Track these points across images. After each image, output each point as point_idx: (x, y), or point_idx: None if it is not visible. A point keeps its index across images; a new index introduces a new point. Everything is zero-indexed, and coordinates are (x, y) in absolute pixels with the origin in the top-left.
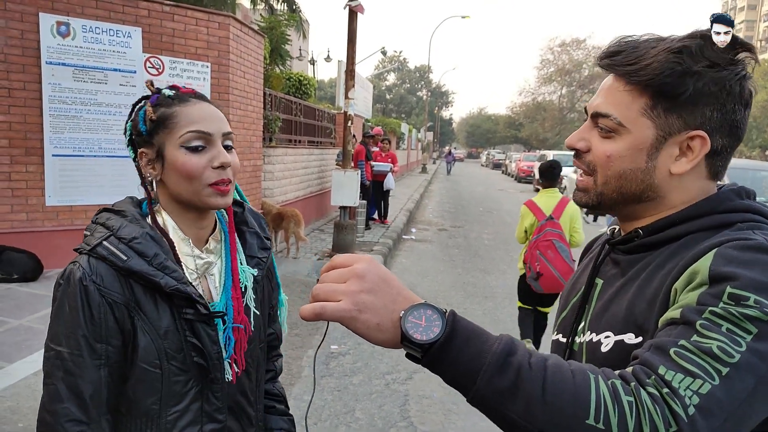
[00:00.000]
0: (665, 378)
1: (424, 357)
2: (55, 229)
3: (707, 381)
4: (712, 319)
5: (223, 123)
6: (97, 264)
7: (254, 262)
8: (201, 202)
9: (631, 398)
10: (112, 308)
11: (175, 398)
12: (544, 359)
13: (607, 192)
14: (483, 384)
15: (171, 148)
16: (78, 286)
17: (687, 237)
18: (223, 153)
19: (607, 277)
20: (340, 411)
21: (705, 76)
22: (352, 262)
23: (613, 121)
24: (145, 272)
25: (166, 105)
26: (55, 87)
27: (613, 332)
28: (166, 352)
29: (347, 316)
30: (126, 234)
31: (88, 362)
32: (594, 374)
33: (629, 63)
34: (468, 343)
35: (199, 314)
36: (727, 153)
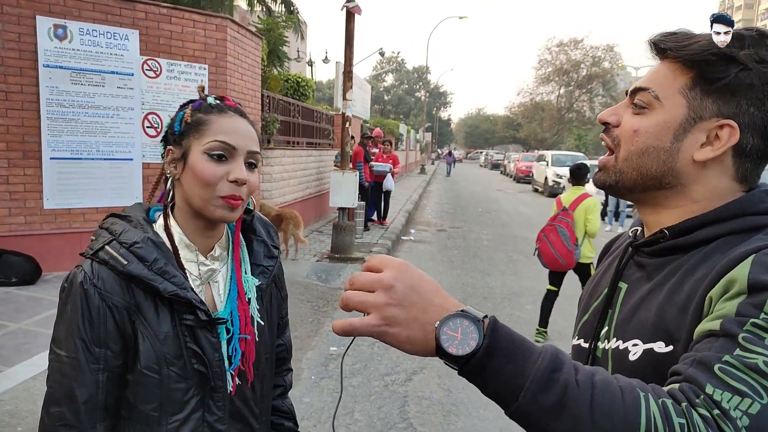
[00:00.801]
0: (714, 398)
1: (461, 370)
2: (53, 232)
3: (756, 400)
4: (755, 332)
5: (252, 141)
6: (99, 268)
7: (259, 270)
8: (208, 212)
9: (683, 420)
10: (112, 312)
11: (176, 406)
12: (591, 375)
13: (626, 170)
14: (526, 401)
15: (195, 152)
16: (79, 290)
17: (719, 240)
18: (242, 169)
19: (631, 281)
20: (339, 413)
21: (750, 68)
22: (383, 267)
23: (651, 93)
24: (144, 276)
25: (205, 111)
26: (53, 90)
27: (641, 340)
28: (165, 357)
29: (375, 331)
30: (127, 239)
31: (84, 366)
32: (644, 392)
33: (678, 41)
34: (509, 357)
35: (199, 320)
36: (758, 158)
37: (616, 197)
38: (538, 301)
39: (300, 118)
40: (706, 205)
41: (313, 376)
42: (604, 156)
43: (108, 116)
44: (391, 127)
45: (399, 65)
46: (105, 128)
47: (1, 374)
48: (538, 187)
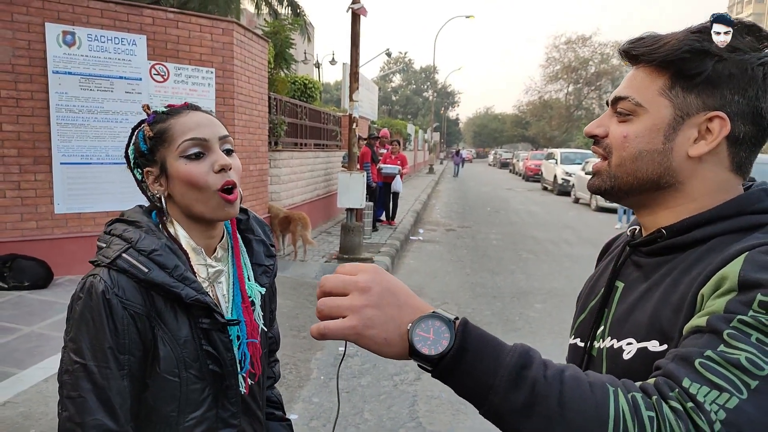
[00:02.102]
0: (689, 391)
1: (434, 370)
2: (65, 236)
3: (735, 395)
4: (741, 329)
5: (217, 128)
6: (118, 277)
7: (261, 270)
8: (212, 215)
9: (653, 413)
10: (134, 320)
11: (193, 405)
12: (560, 371)
13: (621, 175)
14: (496, 399)
15: (172, 161)
16: (101, 300)
17: (715, 239)
18: (222, 156)
19: (628, 280)
20: (348, 413)
21: (725, 58)
22: (356, 272)
23: (632, 101)
24: (167, 284)
25: (162, 121)
26: (62, 96)
27: (635, 339)
28: (184, 361)
29: (352, 333)
30: (145, 246)
31: (115, 374)
32: (614, 387)
33: (648, 45)
34: (480, 356)
35: (215, 323)
36: (752, 145)
37: (613, 202)
38: (547, 300)
39: (307, 119)
40: (704, 202)
41: (323, 376)
42: (598, 161)
43: (117, 121)
44: (399, 128)
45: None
46: (114, 133)
47: (15, 377)
48: (547, 185)
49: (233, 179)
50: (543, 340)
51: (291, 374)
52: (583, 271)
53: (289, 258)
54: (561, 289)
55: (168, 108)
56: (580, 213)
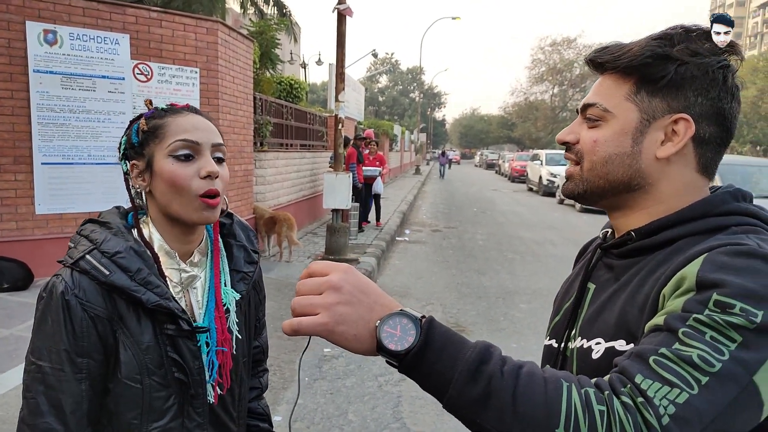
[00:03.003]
0: (641, 387)
1: (399, 365)
2: (45, 237)
3: (685, 390)
4: (696, 327)
5: (213, 134)
6: (80, 278)
7: (239, 276)
8: (188, 218)
9: (603, 407)
10: (95, 322)
11: (156, 414)
12: (518, 367)
13: (592, 178)
14: (456, 393)
15: (159, 158)
16: (60, 300)
17: (681, 241)
18: (211, 162)
19: (599, 282)
20: (332, 414)
21: (687, 62)
22: (328, 270)
23: (599, 107)
24: (128, 287)
25: (159, 117)
26: (43, 95)
27: (604, 339)
28: (147, 367)
29: (324, 329)
30: (109, 248)
31: (69, 376)
32: (568, 382)
33: (612, 53)
34: (442, 352)
35: (181, 330)
36: (717, 145)
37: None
38: (532, 300)
39: (293, 120)
40: (673, 203)
41: (307, 377)
42: (570, 166)
43: (99, 121)
44: (386, 128)
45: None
46: (96, 133)
47: None
48: (532, 186)
49: (217, 188)
50: (527, 339)
51: (275, 376)
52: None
53: (275, 259)
54: (546, 289)
55: (169, 105)
56: (565, 214)
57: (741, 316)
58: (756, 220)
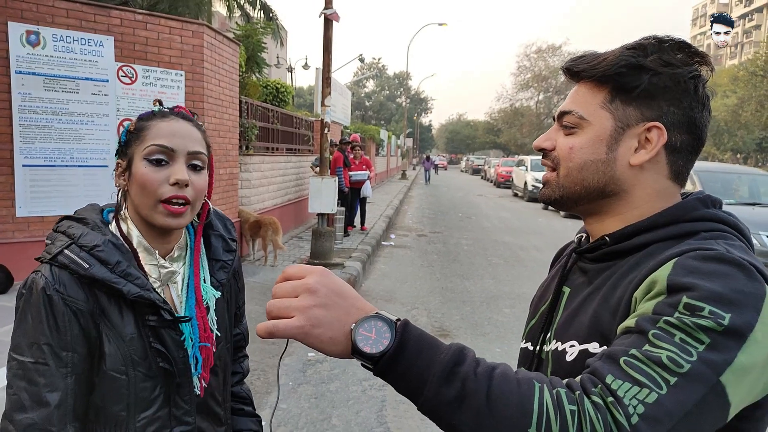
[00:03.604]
0: (611, 387)
1: (374, 368)
2: (27, 240)
3: (654, 390)
4: (666, 329)
5: (191, 142)
6: (60, 273)
7: (219, 265)
8: (153, 220)
9: (574, 407)
10: (77, 316)
11: (143, 404)
12: (491, 368)
13: (568, 185)
14: (430, 395)
15: (137, 160)
16: (41, 296)
17: (653, 246)
18: (182, 170)
19: (574, 285)
20: (316, 418)
21: (660, 72)
22: (304, 274)
23: (575, 115)
24: (108, 280)
25: (147, 119)
26: (25, 96)
27: (578, 341)
28: (131, 358)
29: (300, 332)
30: (87, 242)
31: (53, 371)
32: (540, 383)
33: (588, 62)
34: (417, 355)
35: (163, 320)
36: (688, 153)
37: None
38: (516, 305)
39: (279, 124)
40: (645, 209)
41: (291, 382)
42: (547, 172)
43: (82, 123)
44: (372, 133)
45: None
46: (79, 135)
47: None
48: (518, 191)
49: (185, 195)
50: (511, 344)
51: (259, 380)
52: None
53: (260, 263)
54: (529, 294)
55: (160, 108)
56: (550, 219)
57: (709, 319)
58: (724, 226)
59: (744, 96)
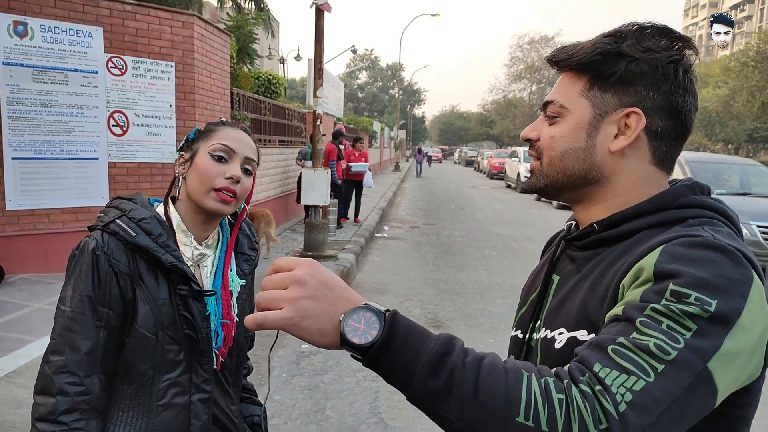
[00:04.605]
0: (599, 375)
1: (364, 359)
2: (17, 234)
3: (642, 378)
4: (653, 316)
5: (249, 150)
6: (109, 238)
7: (244, 258)
8: (205, 204)
9: (562, 395)
10: (117, 277)
11: (168, 366)
12: (479, 358)
13: (551, 173)
14: (419, 385)
15: (201, 153)
16: (91, 255)
17: (640, 233)
18: (237, 169)
19: (563, 273)
20: (310, 410)
21: (638, 58)
22: (293, 266)
23: (557, 104)
24: (150, 247)
25: (216, 125)
26: (13, 88)
27: (566, 329)
28: (162, 321)
29: (289, 324)
30: (136, 215)
31: (89, 322)
32: (528, 372)
33: (567, 52)
34: (406, 345)
35: (192, 291)
36: (671, 138)
37: (549, 199)
38: (509, 296)
39: (271, 116)
40: (630, 195)
41: (285, 374)
42: (533, 161)
43: (72, 115)
44: (365, 125)
45: (372, 63)
46: (69, 127)
47: None
48: (510, 183)
49: (235, 189)
50: (504, 335)
51: (252, 372)
52: None
53: None
54: (522, 285)
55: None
56: (542, 211)
57: (696, 306)
58: (712, 212)
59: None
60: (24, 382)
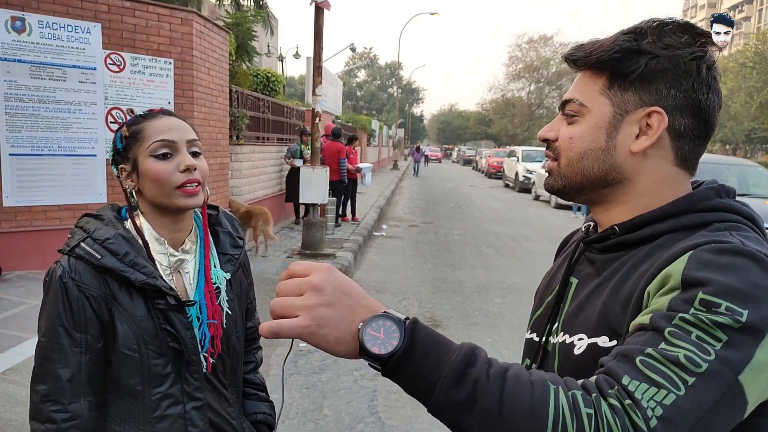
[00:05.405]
0: (628, 388)
1: (383, 369)
2: (14, 230)
3: (672, 391)
4: (682, 326)
5: (187, 132)
6: (76, 263)
7: (226, 258)
8: (172, 204)
9: (591, 410)
10: (89, 301)
11: (157, 380)
12: (504, 370)
13: (569, 174)
14: (441, 397)
15: (142, 159)
16: (58, 283)
17: (664, 237)
18: (188, 157)
19: (581, 276)
20: (307, 408)
21: (658, 55)
22: (309, 271)
23: (576, 102)
24: (117, 269)
25: (137, 123)
26: (11, 84)
27: (586, 334)
28: (143, 338)
29: (305, 332)
30: (100, 235)
31: (66, 349)
32: (555, 385)
33: (585, 50)
34: (427, 355)
35: (169, 304)
36: (695, 138)
37: (567, 200)
38: (507, 294)
39: (270, 113)
40: (653, 197)
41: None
42: (549, 162)
43: (70, 111)
44: (364, 123)
45: (371, 61)
46: (67, 124)
47: None
48: (509, 182)
49: (197, 178)
50: (501, 334)
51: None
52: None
53: (251, 253)
54: (520, 284)
55: (145, 112)
56: (540, 210)
57: (726, 315)
58: (738, 216)
59: (733, 87)
60: (20, 379)
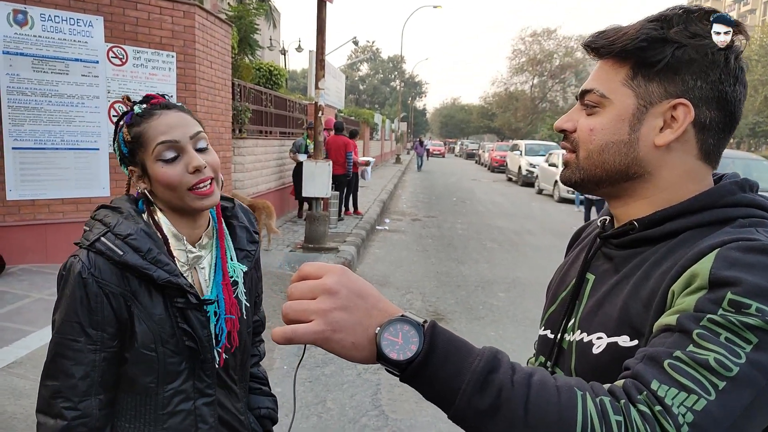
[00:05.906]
0: (657, 394)
1: (402, 375)
2: (17, 224)
3: (703, 396)
4: (711, 328)
5: (189, 127)
6: (96, 258)
7: (243, 254)
8: (188, 206)
9: (620, 417)
10: (109, 298)
11: (171, 377)
12: (528, 375)
13: (588, 167)
14: (463, 404)
15: (150, 163)
16: (77, 278)
17: (686, 233)
18: (196, 157)
19: (599, 272)
20: (311, 402)
21: (685, 44)
22: (322, 273)
23: (597, 93)
24: (140, 266)
25: (137, 124)
26: (14, 77)
27: (606, 333)
28: (160, 337)
29: (320, 337)
30: (122, 230)
31: (82, 347)
32: (582, 391)
33: (608, 37)
34: (447, 361)
35: (189, 303)
36: (720, 131)
37: (585, 193)
38: (510, 289)
39: (272, 107)
40: (674, 191)
41: (285, 366)
42: (566, 154)
43: (72, 105)
44: (366, 117)
45: (374, 54)
46: (69, 117)
47: None
48: (512, 176)
49: (208, 175)
50: (506, 328)
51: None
52: (545, 261)
53: None
54: (524, 278)
55: (143, 107)
56: (543, 204)
57: (757, 317)
58: (763, 212)
59: None
60: (24, 372)
